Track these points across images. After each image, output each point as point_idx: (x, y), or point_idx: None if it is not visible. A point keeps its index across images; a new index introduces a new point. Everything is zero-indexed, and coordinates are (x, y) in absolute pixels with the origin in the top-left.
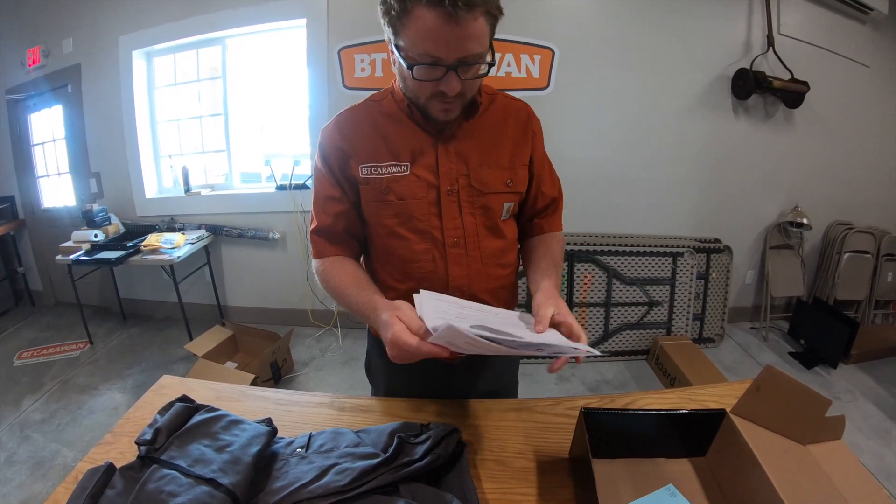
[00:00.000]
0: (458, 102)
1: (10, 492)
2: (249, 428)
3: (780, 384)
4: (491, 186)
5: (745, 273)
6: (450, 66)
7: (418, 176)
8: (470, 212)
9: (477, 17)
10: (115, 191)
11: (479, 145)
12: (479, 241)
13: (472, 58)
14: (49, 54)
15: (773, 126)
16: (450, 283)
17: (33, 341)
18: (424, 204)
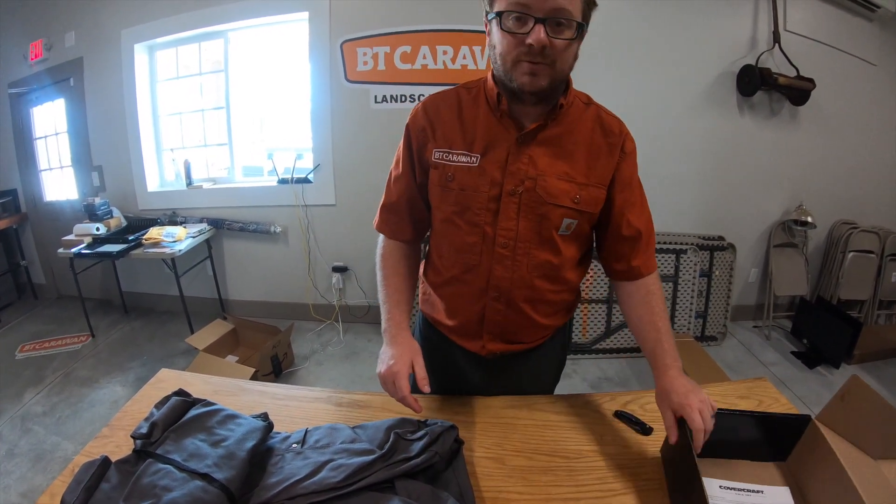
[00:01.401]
0: (546, 69)
1: (10, 484)
2: (245, 423)
3: (863, 395)
4: (555, 198)
5: (749, 271)
6: (538, 19)
7: (485, 170)
8: (527, 217)
9: None
10: (117, 184)
11: (557, 153)
12: (529, 248)
13: (563, 13)
14: (51, 48)
15: (778, 123)
16: (490, 280)
17: (35, 334)
18: (484, 199)
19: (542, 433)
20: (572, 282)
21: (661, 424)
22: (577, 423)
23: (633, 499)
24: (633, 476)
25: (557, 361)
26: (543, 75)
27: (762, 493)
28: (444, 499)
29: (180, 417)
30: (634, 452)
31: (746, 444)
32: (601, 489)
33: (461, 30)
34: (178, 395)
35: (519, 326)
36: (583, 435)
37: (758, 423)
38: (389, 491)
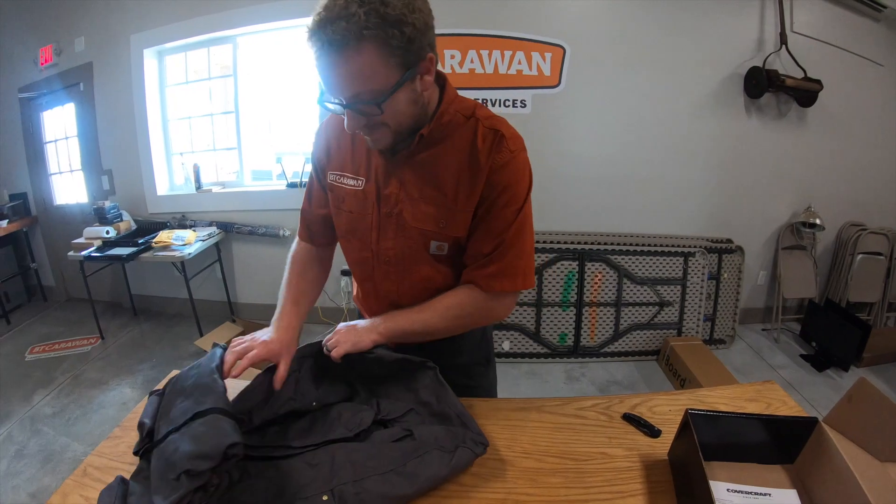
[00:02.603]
0: (382, 132)
1: (20, 484)
2: (204, 360)
3: (871, 398)
4: (419, 222)
5: (757, 274)
6: (345, 105)
7: (367, 194)
8: (402, 237)
9: (361, 50)
10: (126, 188)
11: (426, 176)
12: (409, 265)
13: (362, 97)
14: (61, 53)
15: (785, 125)
16: (380, 293)
17: (45, 336)
18: (368, 221)
19: (551, 435)
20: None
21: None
22: (586, 426)
23: (641, 501)
24: (642, 478)
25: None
26: (382, 139)
27: (770, 496)
28: (459, 434)
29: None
30: (643, 455)
31: (754, 447)
32: (610, 491)
33: (469, 34)
34: (153, 394)
35: None
36: (591, 437)
37: (765, 425)
38: (409, 438)
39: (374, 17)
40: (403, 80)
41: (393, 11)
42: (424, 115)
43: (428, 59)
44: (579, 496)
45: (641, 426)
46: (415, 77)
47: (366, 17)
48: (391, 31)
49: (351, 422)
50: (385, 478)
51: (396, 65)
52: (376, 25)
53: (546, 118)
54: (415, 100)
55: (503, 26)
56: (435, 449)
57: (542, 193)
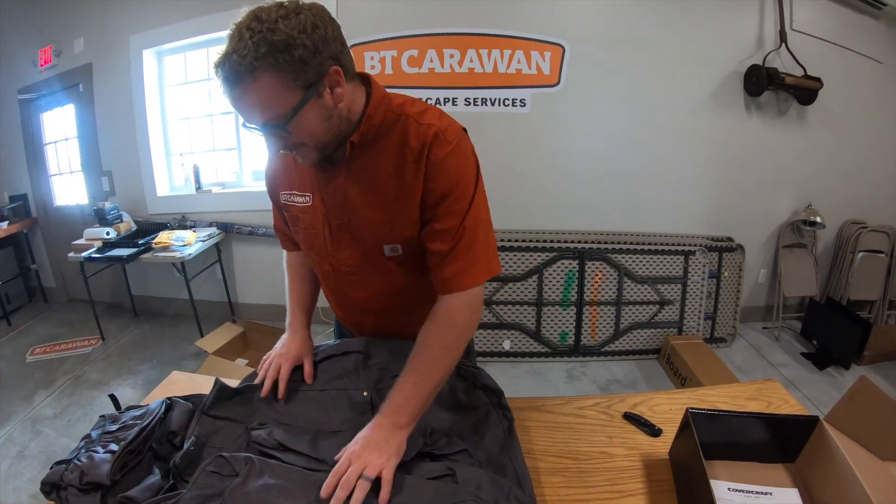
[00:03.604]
0: (306, 151)
1: (21, 486)
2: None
3: (872, 396)
4: (368, 227)
5: (758, 272)
6: (259, 130)
7: (316, 208)
8: (358, 245)
9: (256, 80)
10: (126, 189)
11: (366, 181)
12: (372, 272)
13: (272, 121)
14: (60, 54)
15: (785, 123)
16: (350, 301)
17: (46, 337)
18: (321, 235)
19: (551, 434)
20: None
21: (671, 426)
22: (587, 425)
23: (642, 500)
24: (643, 477)
25: None
26: (309, 156)
27: (771, 495)
28: (505, 488)
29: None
30: (643, 454)
31: (755, 446)
32: (611, 490)
33: (467, 33)
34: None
35: (396, 326)
36: (592, 436)
37: (766, 424)
38: (450, 479)
39: (262, 45)
40: (305, 100)
41: (280, 36)
42: (347, 124)
43: (332, 73)
44: (580, 495)
45: (642, 425)
46: (320, 93)
47: (255, 47)
48: (280, 56)
49: None
50: None
51: (295, 87)
52: (265, 54)
53: (545, 117)
54: (327, 115)
55: (502, 25)
56: (472, 500)
57: (541, 192)
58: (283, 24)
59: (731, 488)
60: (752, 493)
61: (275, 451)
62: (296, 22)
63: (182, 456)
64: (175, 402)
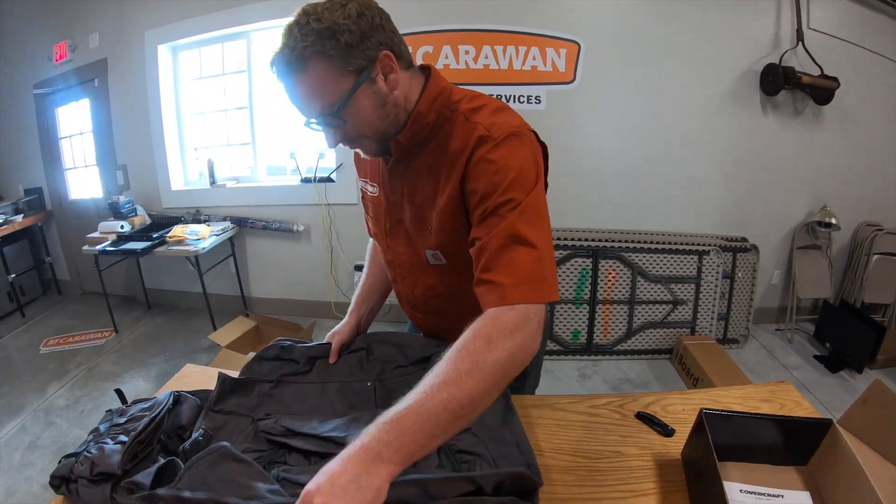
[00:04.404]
0: (365, 142)
1: (33, 475)
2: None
3: (885, 400)
4: (415, 229)
5: (772, 273)
6: (316, 124)
7: (380, 202)
8: (410, 244)
9: (307, 70)
10: (141, 183)
11: (417, 182)
12: (418, 271)
13: (327, 110)
14: (75, 49)
15: (802, 123)
16: (405, 298)
17: (59, 329)
18: (382, 227)
19: (564, 433)
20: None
21: (684, 427)
22: (599, 424)
23: (654, 500)
24: (655, 477)
25: None
26: (369, 147)
27: (782, 498)
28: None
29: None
30: (656, 454)
31: (767, 448)
32: (622, 490)
33: (483, 29)
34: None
35: (442, 330)
36: (605, 435)
37: (778, 426)
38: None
39: (310, 35)
40: (358, 85)
41: (325, 24)
42: (404, 114)
43: (383, 57)
44: (592, 494)
45: (655, 425)
46: (373, 79)
47: (303, 38)
48: (327, 43)
49: None
50: None
51: (345, 73)
52: (313, 43)
53: (560, 114)
54: (381, 102)
55: (518, 22)
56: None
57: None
58: (328, 14)
59: (743, 490)
60: (764, 496)
61: (283, 438)
62: (341, 11)
63: (191, 444)
64: (183, 397)
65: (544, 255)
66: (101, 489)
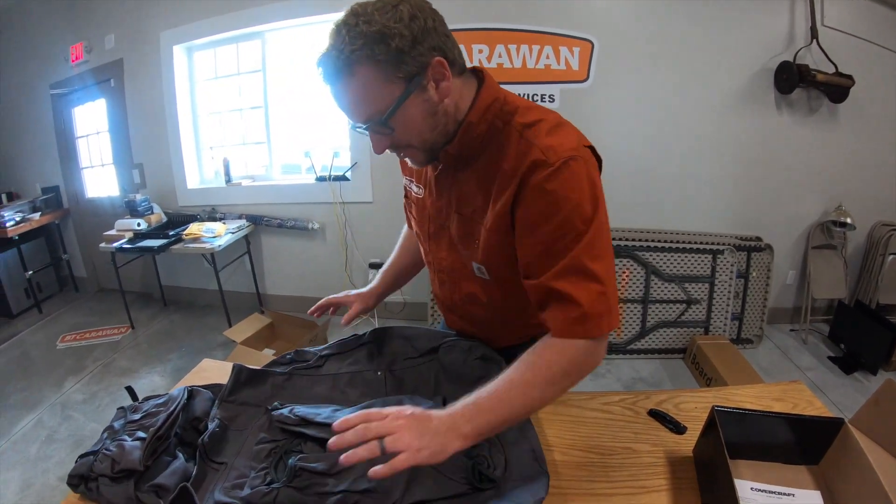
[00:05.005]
0: (413, 152)
1: (49, 468)
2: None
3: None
4: (461, 240)
5: (787, 273)
6: (366, 128)
7: (425, 204)
8: (453, 251)
9: (354, 75)
10: (157, 181)
11: (466, 194)
12: (458, 279)
13: (375, 116)
14: (91, 50)
15: (816, 121)
16: (442, 300)
17: (76, 325)
18: (426, 229)
19: (576, 429)
20: (520, 319)
21: (695, 424)
22: (612, 421)
23: (665, 497)
24: (666, 474)
25: None
26: (416, 157)
27: (793, 497)
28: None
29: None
30: (668, 451)
31: (779, 447)
32: (634, 486)
33: (496, 28)
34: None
35: (477, 334)
36: (617, 432)
37: (790, 425)
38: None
39: (358, 38)
40: (408, 93)
41: (375, 27)
42: (454, 123)
43: (436, 64)
44: (604, 489)
45: (667, 422)
46: (424, 86)
47: (351, 41)
48: (377, 47)
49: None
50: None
51: (395, 79)
52: (361, 46)
53: (574, 113)
54: (431, 111)
55: (531, 20)
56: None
57: None
58: (378, 16)
59: (753, 488)
60: (775, 494)
61: (297, 427)
62: (393, 13)
63: (209, 436)
64: (196, 391)
65: (608, 287)
66: (124, 487)
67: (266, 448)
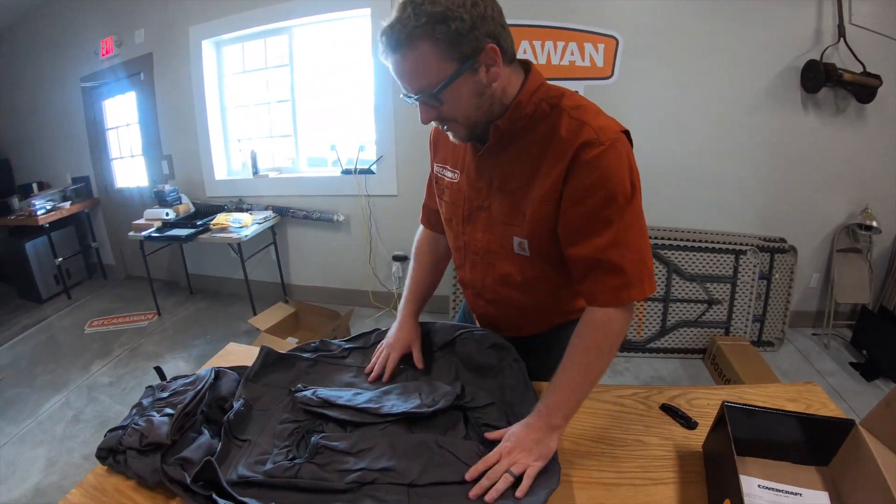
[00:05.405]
0: (456, 126)
1: (75, 447)
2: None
3: None
4: (503, 216)
5: (810, 276)
6: (416, 98)
7: (461, 187)
8: (490, 231)
9: (414, 49)
10: (185, 172)
11: (509, 171)
12: (494, 259)
13: (426, 89)
14: (121, 44)
15: (843, 122)
16: (467, 281)
17: (104, 311)
18: (461, 212)
19: (588, 420)
20: (538, 291)
21: (707, 421)
22: (624, 413)
23: (672, 489)
24: (675, 468)
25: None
26: (458, 131)
27: (801, 496)
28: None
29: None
30: (678, 445)
31: (789, 446)
32: (642, 477)
33: (521, 24)
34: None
35: (502, 321)
36: (629, 425)
37: (800, 424)
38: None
39: (422, 16)
40: (460, 72)
41: (439, 8)
42: (500, 106)
43: (489, 50)
44: (612, 479)
45: (679, 417)
46: (476, 69)
47: (415, 18)
48: (438, 27)
49: (429, 396)
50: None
51: (450, 58)
52: (424, 24)
53: None
54: (480, 91)
55: (556, 17)
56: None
57: None
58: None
59: (761, 485)
60: (782, 493)
61: (320, 409)
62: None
63: (235, 414)
64: (222, 372)
65: (647, 256)
66: (151, 459)
67: (289, 427)
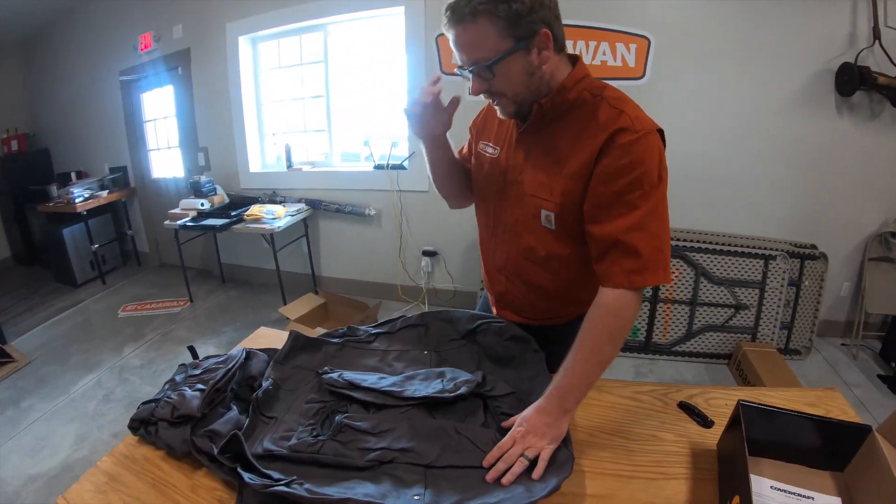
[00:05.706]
0: (504, 101)
1: (105, 424)
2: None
3: None
4: (534, 189)
5: (841, 284)
6: (470, 70)
7: (499, 161)
8: (521, 205)
9: (476, 22)
10: (221, 164)
11: (547, 146)
12: (522, 232)
13: (481, 62)
14: (160, 39)
15: (878, 126)
16: (495, 261)
17: (137, 297)
18: (495, 186)
19: (606, 414)
20: (560, 270)
21: (723, 420)
22: (641, 409)
23: (684, 485)
24: (688, 464)
25: None
26: (506, 106)
27: (812, 500)
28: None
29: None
30: (692, 442)
31: (804, 449)
32: (654, 471)
33: None
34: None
35: (523, 303)
36: (645, 420)
37: (815, 427)
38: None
39: None
40: (514, 50)
41: None
42: (546, 88)
43: (542, 34)
44: (625, 471)
45: (695, 415)
46: (529, 49)
47: None
48: (500, 6)
49: (451, 383)
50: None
51: (507, 36)
52: (487, 2)
53: None
54: (530, 71)
55: (588, 16)
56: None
57: None
58: None
59: (773, 487)
60: (794, 495)
61: (346, 391)
62: None
63: (263, 392)
64: (253, 353)
65: (665, 246)
66: (181, 431)
67: (315, 407)
